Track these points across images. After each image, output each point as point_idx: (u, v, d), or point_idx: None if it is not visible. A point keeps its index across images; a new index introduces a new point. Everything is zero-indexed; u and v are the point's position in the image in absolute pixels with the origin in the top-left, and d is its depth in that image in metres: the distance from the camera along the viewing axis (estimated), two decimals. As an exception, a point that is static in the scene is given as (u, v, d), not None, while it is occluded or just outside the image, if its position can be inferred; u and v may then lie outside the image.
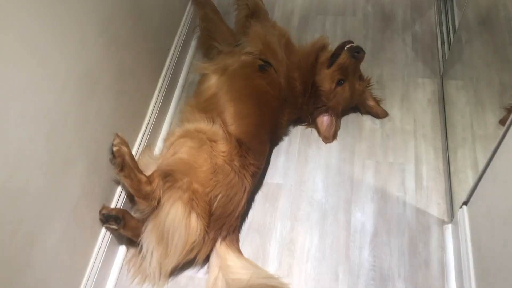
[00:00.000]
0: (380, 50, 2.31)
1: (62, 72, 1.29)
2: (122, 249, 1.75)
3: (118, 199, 1.70)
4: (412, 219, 1.77)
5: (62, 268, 1.42)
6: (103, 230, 1.63)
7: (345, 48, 1.94)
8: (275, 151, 2.01)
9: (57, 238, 1.37)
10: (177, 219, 1.56)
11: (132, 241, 1.71)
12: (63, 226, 1.40)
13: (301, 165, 1.96)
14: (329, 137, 2.01)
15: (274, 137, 1.96)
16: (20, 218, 1.20)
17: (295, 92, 1.95)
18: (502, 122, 1.49)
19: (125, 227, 1.63)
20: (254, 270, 1.63)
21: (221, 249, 1.66)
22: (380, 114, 2.07)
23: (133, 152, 1.77)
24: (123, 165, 1.59)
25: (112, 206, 1.68)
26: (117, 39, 1.60)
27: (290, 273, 1.69)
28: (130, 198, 1.76)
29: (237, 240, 1.72)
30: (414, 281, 1.63)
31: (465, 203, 1.60)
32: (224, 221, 1.66)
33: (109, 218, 1.59)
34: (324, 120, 2.01)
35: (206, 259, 1.69)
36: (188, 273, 1.71)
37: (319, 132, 2.03)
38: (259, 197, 1.88)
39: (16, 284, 1.21)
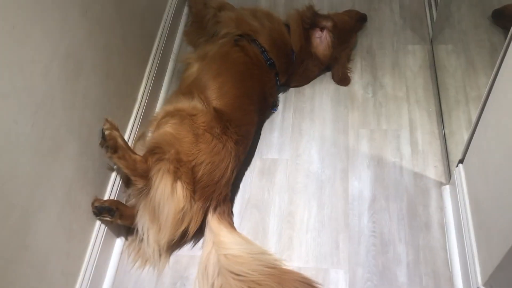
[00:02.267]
0: (368, 21, 2.29)
1: (43, 53, 1.28)
2: (121, 234, 1.74)
3: (113, 185, 1.70)
4: (410, 183, 1.76)
5: (60, 253, 1.42)
6: (100, 215, 1.63)
7: None
8: (268, 127, 2.00)
9: (52, 222, 1.37)
10: (166, 191, 1.57)
11: (131, 228, 1.71)
12: (57, 210, 1.39)
13: (296, 139, 1.95)
14: (327, 54, 2.06)
15: (264, 105, 1.95)
16: (11, 203, 1.19)
17: (283, 50, 1.99)
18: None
19: (121, 217, 1.63)
20: (247, 245, 1.62)
21: (214, 224, 1.66)
22: (343, 78, 2.10)
23: (126, 138, 1.77)
24: (116, 147, 1.59)
25: (107, 191, 1.67)
26: (101, 20, 1.59)
27: (291, 245, 1.68)
28: (126, 182, 1.76)
29: (229, 213, 1.71)
30: (415, 243, 1.62)
31: (461, 161, 1.59)
32: (213, 189, 1.66)
33: (102, 210, 1.58)
34: (318, 37, 2.07)
35: (201, 234, 1.69)
36: (188, 252, 1.71)
37: (316, 54, 2.07)
38: (255, 173, 1.88)
39: (14, 267, 1.20)
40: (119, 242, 1.73)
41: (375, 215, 1.71)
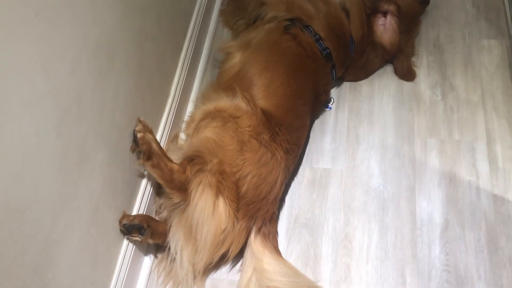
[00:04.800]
0: (433, 8, 1.98)
1: (71, 45, 1.02)
2: (150, 251, 1.51)
3: (143, 194, 1.45)
4: (489, 207, 1.51)
5: (83, 283, 1.19)
6: (128, 230, 1.39)
7: None
8: (319, 129, 1.73)
9: (76, 249, 1.13)
10: (207, 209, 1.33)
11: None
12: (82, 234, 1.15)
13: (352, 146, 1.69)
14: (395, 41, 1.77)
15: (317, 104, 1.68)
16: (30, 234, 0.95)
17: (342, 39, 1.70)
18: None
19: (152, 236, 1.40)
20: (295, 278, 1.38)
21: (256, 246, 1.42)
22: (408, 72, 1.82)
23: (158, 138, 1.51)
24: (150, 153, 1.34)
25: (137, 202, 1.43)
26: (135, 1, 1.31)
27: (348, 277, 1.44)
28: (157, 191, 1.51)
29: (275, 235, 1.47)
30: (498, 283, 1.38)
31: None
32: (259, 206, 1.41)
33: (131, 228, 1.35)
34: (382, 24, 1.78)
35: (241, 255, 1.46)
36: (228, 276, 1.47)
37: (382, 43, 1.78)
38: (304, 185, 1.62)
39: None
40: (147, 260, 1.50)
41: (448, 245, 1.46)
